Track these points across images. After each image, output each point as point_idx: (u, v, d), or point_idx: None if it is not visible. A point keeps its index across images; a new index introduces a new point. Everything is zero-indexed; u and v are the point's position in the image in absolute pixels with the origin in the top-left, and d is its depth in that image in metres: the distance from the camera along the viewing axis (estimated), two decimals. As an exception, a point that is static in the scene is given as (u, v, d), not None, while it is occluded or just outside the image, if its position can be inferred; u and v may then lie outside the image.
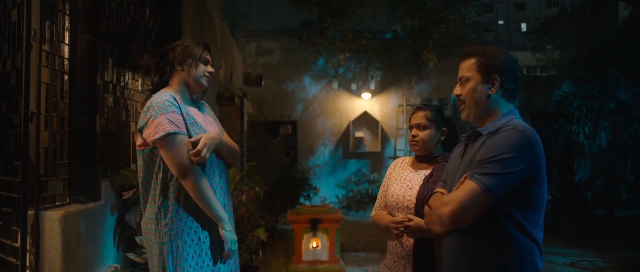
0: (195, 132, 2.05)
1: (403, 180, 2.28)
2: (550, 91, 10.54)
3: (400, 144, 10.60)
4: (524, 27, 41.60)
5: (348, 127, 10.83)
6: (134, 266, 2.96)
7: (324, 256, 5.22)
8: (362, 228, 7.92)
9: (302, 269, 5.19)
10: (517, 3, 42.43)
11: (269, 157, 7.74)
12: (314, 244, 5.23)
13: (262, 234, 4.79)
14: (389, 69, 10.90)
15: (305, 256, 5.23)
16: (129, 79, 3.34)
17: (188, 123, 2.05)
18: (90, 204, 2.63)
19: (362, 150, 10.81)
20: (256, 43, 10.88)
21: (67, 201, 2.58)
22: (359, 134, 10.83)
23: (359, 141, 10.81)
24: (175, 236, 2.00)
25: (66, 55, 2.59)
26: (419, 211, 2.11)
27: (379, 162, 10.75)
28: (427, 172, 2.24)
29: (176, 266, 1.99)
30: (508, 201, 1.59)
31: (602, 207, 8.62)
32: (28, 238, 2.25)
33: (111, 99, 3.06)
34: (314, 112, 10.90)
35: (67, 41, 2.59)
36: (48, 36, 2.45)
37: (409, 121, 2.35)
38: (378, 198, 2.41)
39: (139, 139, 2.08)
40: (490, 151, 1.60)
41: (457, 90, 1.79)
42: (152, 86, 2.19)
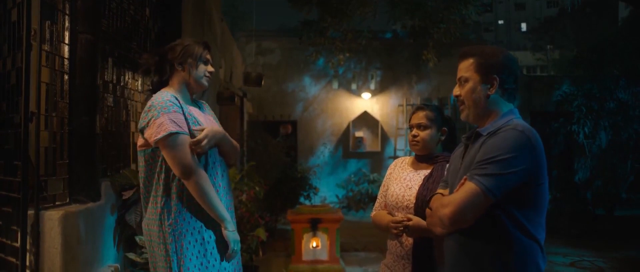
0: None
1: (403, 180, 2.28)
2: (550, 91, 10.53)
3: (400, 144, 10.60)
4: (524, 27, 41.60)
5: (348, 127, 10.83)
6: (134, 266, 2.96)
7: (324, 255, 5.22)
8: (362, 228, 7.91)
9: (302, 268, 5.19)
10: (517, 3, 42.43)
11: (269, 157, 7.73)
12: (314, 244, 5.23)
13: (262, 233, 4.78)
14: (389, 68, 10.90)
15: (305, 256, 5.23)
16: (129, 78, 3.34)
17: (190, 123, 2.04)
18: (90, 204, 2.62)
19: (362, 150, 10.81)
20: (256, 43, 10.88)
21: (67, 200, 2.57)
22: (359, 134, 10.82)
23: (359, 140, 10.81)
24: (179, 236, 1.99)
25: (66, 55, 2.59)
26: (418, 210, 2.11)
27: (379, 162, 10.75)
28: (427, 172, 2.24)
29: (180, 266, 1.98)
30: (509, 201, 1.58)
31: (602, 207, 8.62)
32: (28, 238, 2.25)
33: (111, 99, 3.06)
34: (314, 112, 10.90)
35: (67, 41, 2.59)
36: (48, 36, 2.44)
37: (409, 121, 2.35)
38: (378, 198, 2.42)
39: (140, 140, 2.07)
40: (489, 151, 1.60)
41: (456, 90, 1.78)
42: (152, 86, 2.18)
